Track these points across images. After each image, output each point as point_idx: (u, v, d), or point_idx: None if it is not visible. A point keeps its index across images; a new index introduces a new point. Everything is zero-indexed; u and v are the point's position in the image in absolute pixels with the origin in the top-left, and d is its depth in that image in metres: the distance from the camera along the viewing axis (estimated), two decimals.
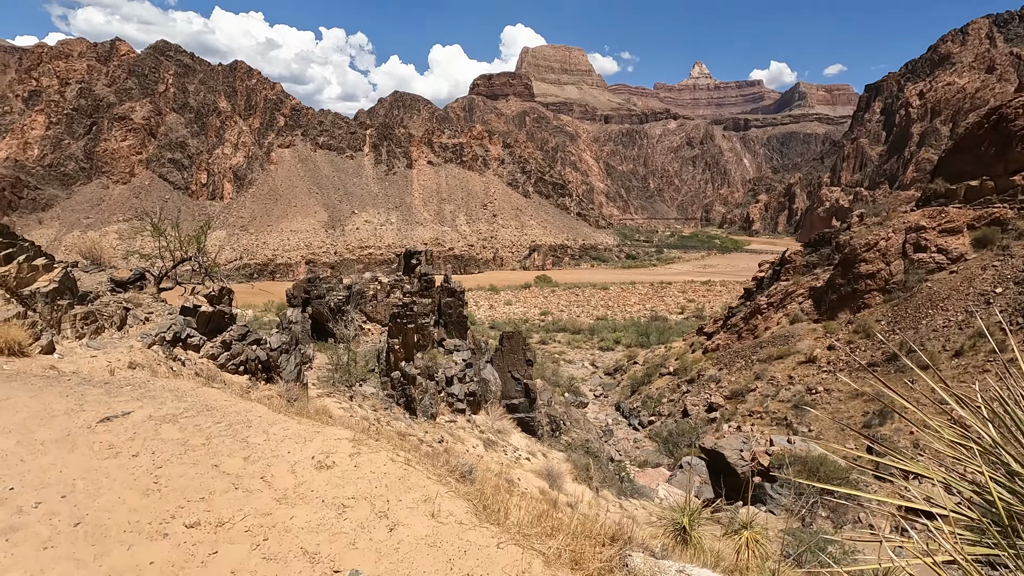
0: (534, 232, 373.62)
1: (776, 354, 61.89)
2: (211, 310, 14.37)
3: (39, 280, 11.41)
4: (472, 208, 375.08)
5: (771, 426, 51.86)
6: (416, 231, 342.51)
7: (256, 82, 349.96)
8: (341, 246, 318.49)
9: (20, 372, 8.46)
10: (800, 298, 68.88)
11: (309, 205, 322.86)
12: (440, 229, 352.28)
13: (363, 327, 26.42)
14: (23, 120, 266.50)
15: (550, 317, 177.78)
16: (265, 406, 7.98)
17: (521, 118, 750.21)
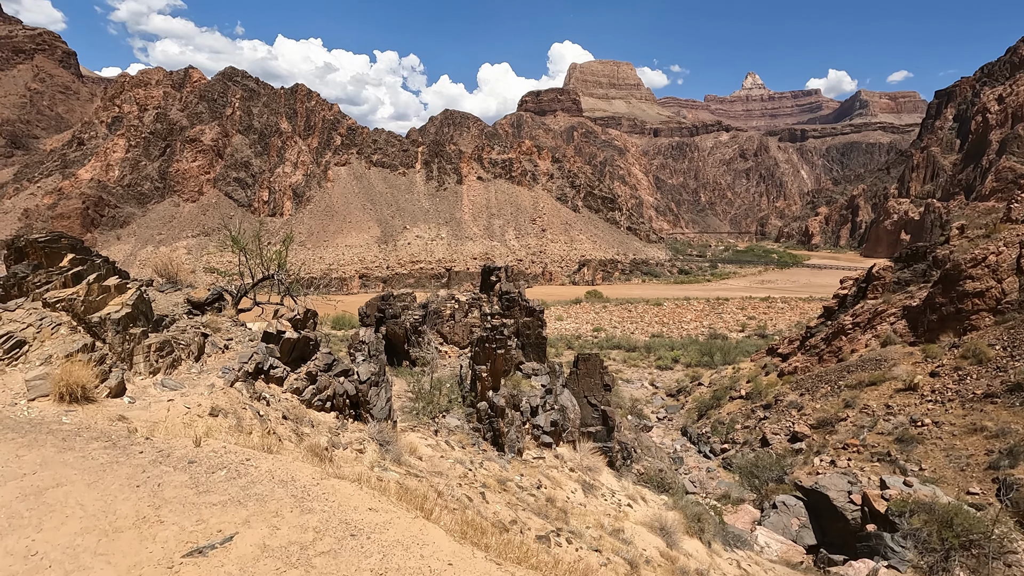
0: (583, 247, 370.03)
1: (868, 380, 56.58)
2: (295, 336, 12.68)
3: (110, 304, 9.92)
4: (521, 223, 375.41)
5: (872, 462, 46.77)
6: (466, 246, 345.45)
7: (315, 104, 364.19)
8: (393, 260, 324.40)
9: (82, 428, 6.77)
10: (892, 318, 63.11)
11: (363, 221, 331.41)
12: (489, 244, 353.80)
13: (440, 349, 24.61)
14: (106, 144, 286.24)
15: (603, 334, 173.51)
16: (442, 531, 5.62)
17: (569, 133, 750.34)
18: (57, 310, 9.48)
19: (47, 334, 8.96)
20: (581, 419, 31.99)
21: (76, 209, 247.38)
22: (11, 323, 8.89)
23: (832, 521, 34.10)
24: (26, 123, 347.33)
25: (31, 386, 7.82)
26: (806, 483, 37.36)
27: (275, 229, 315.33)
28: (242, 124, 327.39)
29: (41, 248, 11.86)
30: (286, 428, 10.13)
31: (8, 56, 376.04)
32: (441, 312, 25.74)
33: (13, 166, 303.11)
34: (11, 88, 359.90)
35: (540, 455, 20.58)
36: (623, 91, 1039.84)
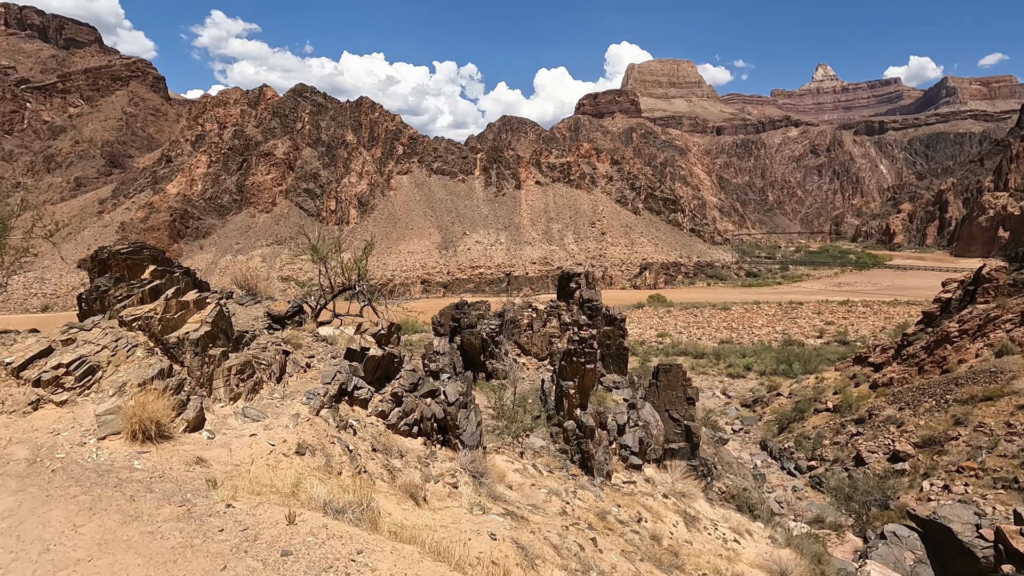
0: (645, 249, 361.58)
1: (982, 394, 50.82)
2: (380, 354, 11.65)
3: (189, 321, 9.17)
4: (580, 226, 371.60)
5: (995, 488, 41.60)
6: (525, 251, 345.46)
7: (378, 115, 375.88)
8: (453, 266, 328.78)
9: (154, 478, 5.82)
10: (1008, 324, 56.71)
11: (424, 227, 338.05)
12: (548, 248, 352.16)
13: (517, 360, 23.31)
14: (191, 160, 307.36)
15: (668, 339, 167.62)
16: None
17: (628, 134, 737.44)
18: (134, 329, 8.80)
19: (122, 357, 8.26)
20: (664, 435, 29.72)
21: (165, 222, 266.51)
22: (85, 345, 8.23)
23: (957, 558, 30.09)
24: (122, 144, 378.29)
25: (101, 422, 7.05)
26: (921, 512, 33.32)
27: (342, 237, 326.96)
28: (311, 137, 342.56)
29: (123, 260, 11.36)
30: (376, 463, 9.03)
31: (108, 84, 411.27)
32: (518, 321, 24.41)
33: (112, 183, 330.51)
34: (110, 112, 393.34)
35: (629, 478, 18.75)
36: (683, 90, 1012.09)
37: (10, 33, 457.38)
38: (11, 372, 7.52)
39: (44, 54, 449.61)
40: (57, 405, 7.37)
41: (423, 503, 8.07)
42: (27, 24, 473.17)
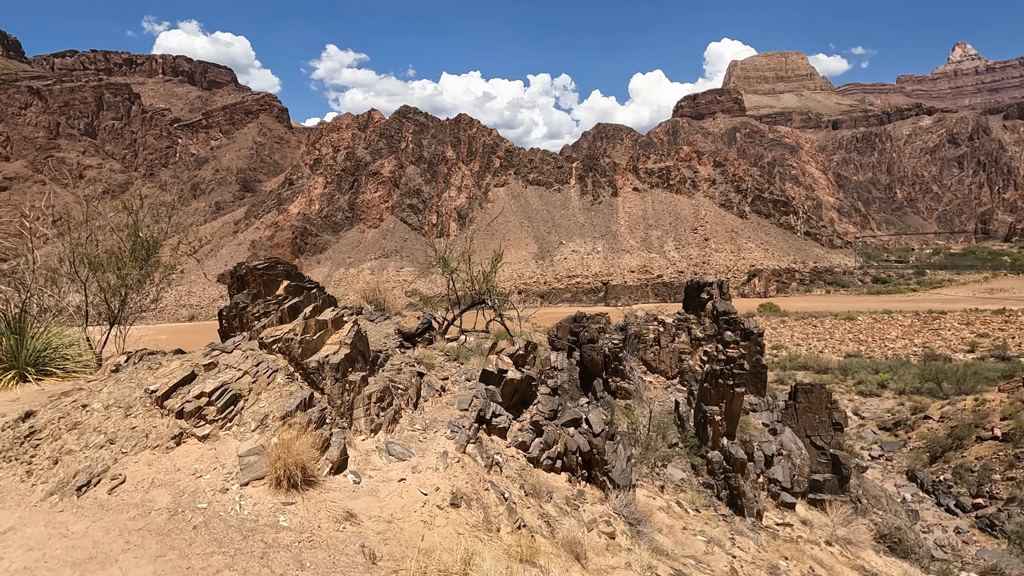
0: (753, 255, 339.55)
1: None
2: (518, 377, 10.51)
3: (328, 342, 8.55)
4: (681, 233, 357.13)
5: None
6: (622, 259, 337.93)
7: (476, 131, 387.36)
8: (550, 276, 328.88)
9: (304, 540, 5.00)
10: None
11: (521, 238, 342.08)
12: (647, 256, 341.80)
13: (643, 379, 21.41)
14: (309, 182, 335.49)
15: (784, 352, 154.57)
16: None
17: (731, 135, 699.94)
18: (273, 352, 8.32)
19: (263, 383, 7.76)
20: (808, 466, 26.12)
21: (287, 239, 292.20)
22: (227, 371, 7.82)
23: None
24: (253, 170, 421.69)
25: (244, 465, 6.46)
26: None
27: (441, 249, 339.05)
28: (414, 155, 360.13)
29: (260, 276, 11.15)
30: (532, 513, 7.85)
31: (241, 117, 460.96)
32: (643, 336, 22.48)
33: (244, 205, 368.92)
34: (243, 143, 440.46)
35: (783, 519, 16.15)
36: (793, 83, 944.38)
37: (166, 80, 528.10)
38: (156, 401, 7.23)
39: (192, 95, 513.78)
40: (199, 440, 6.94)
41: (584, 558, 6.77)
42: (179, 71, 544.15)
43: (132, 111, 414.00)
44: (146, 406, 7.20)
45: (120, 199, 11.92)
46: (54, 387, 9.03)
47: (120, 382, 7.75)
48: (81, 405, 7.20)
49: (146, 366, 8.14)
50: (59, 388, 8.63)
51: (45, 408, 7.22)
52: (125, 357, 8.71)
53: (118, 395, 7.42)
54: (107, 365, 8.53)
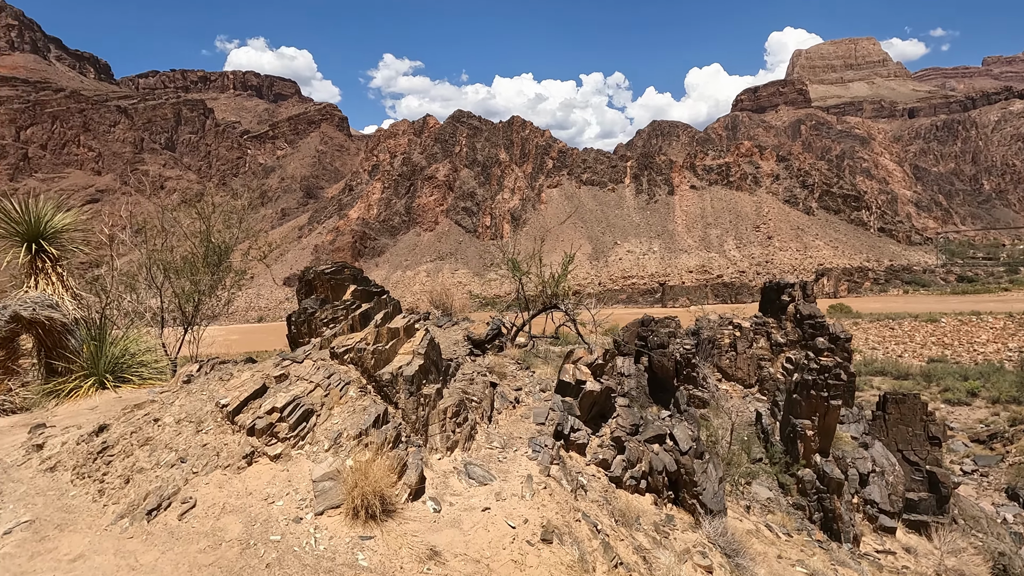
0: (821, 253, 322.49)
1: None
2: (597, 388, 9.73)
3: (400, 351, 8.08)
4: (742, 231, 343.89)
5: None
6: (680, 259, 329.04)
7: (528, 132, 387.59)
8: (604, 277, 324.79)
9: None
10: None
11: (574, 239, 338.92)
12: (706, 255, 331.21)
13: (718, 387, 20.04)
14: (367, 188, 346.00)
15: (859, 356, 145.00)
16: None
17: (795, 127, 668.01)
18: (345, 363, 7.93)
19: (335, 397, 7.36)
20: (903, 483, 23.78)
21: (348, 243, 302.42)
22: (298, 383, 7.47)
23: None
24: (315, 177, 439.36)
25: (319, 491, 6.03)
26: None
27: (496, 252, 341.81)
28: (468, 159, 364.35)
29: (327, 280, 10.89)
30: (626, 547, 7.08)
31: (304, 127, 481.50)
32: (717, 341, 21.05)
33: (308, 212, 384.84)
34: (307, 152, 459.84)
35: (883, 545, 14.50)
36: (863, 71, 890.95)
37: (237, 94, 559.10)
38: (227, 416, 6.97)
39: (259, 108, 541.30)
40: (271, 459, 6.59)
41: None
42: (248, 85, 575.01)
43: (206, 125, 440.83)
44: (217, 421, 6.95)
45: (194, 205, 12.11)
46: (130, 395, 9.05)
47: (192, 394, 7.57)
48: (153, 419, 7.04)
49: (217, 377, 7.95)
50: (134, 397, 8.64)
51: (118, 421, 7.12)
52: (197, 366, 8.60)
53: (189, 409, 7.22)
54: (179, 375, 8.43)
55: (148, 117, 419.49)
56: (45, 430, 7.31)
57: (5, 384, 9.24)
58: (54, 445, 6.83)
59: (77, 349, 9.41)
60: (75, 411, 8.33)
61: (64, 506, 5.76)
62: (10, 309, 8.85)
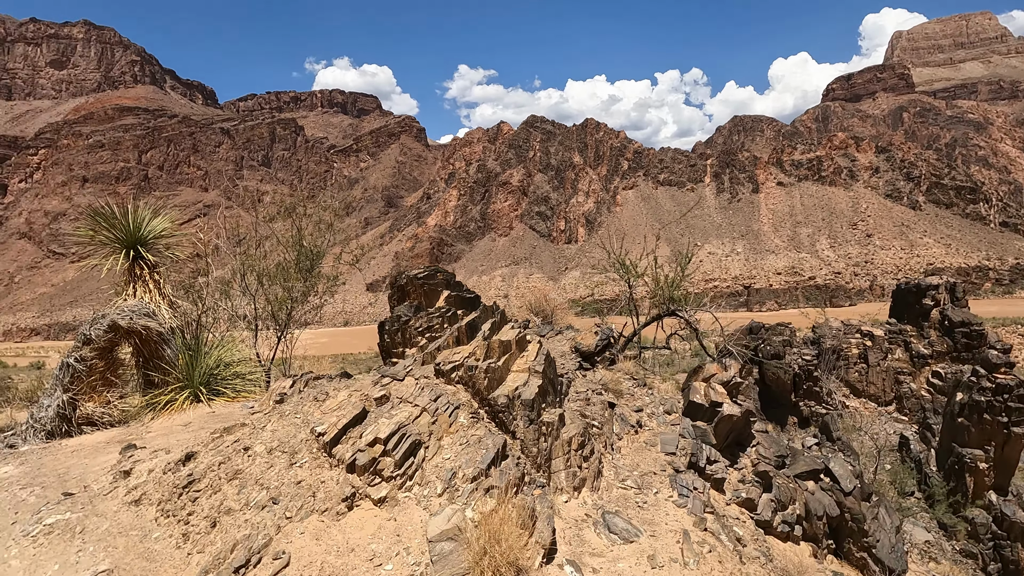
0: (931, 251, 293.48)
1: None
2: (736, 413, 8.18)
3: (512, 369, 6.94)
4: (837, 229, 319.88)
5: None
6: (766, 260, 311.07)
7: (602, 134, 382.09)
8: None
9: None
10: None
11: (651, 241, 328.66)
12: (796, 256, 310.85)
13: (845, 403, 17.44)
14: (444, 195, 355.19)
15: None
16: None
17: (896, 115, 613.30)
18: (453, 382, 6.93)
19: (444, 425, 6.36)
20: None
21: (426, 249, 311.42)
22: (401, 407, 6.52)
23: None
24: (396, 187, 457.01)
25: (437, 555, 4.93)
26: None
27: (571, 255, 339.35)
28: (541, 163, 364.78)
29: (420, 285, 10.05)
30: None
31: (385, 140, 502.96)
32: (843, 351, 18.32)
33: (388, 220, 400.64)
34: (387, 163, 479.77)
35: None
36: (977, 49, 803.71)
37: (324, 112, 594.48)
38: (323, 447, 6.15)
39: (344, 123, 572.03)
40: (375, 503, 5.67)
41: None
42: (334, 103, 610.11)
43: (297, 142, 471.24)
44: (312, 453, 6.14)
45: (289, 213, 11.88)
46: (223, 408, 8.62)
47: (285, 417, 6.85)
48: (243, 448, 6.36)
49: (312, 396, 7.21)
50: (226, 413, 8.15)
51: (206, 449, 6.50)
52: (290, 382, 7.97)
53: (282, 435, 6.48)
54: (272, 391, 7.84)
55: (247, 137, 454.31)
56: (135, 452, 6.87)
57: (104, 396, 9.18)
58: (141, 472, 6.33)
59: (173, 360, 9.17)
60: (168, 427, 7.97)
61: (145, 552, 5.15)
62: (108, 318, 8.75)
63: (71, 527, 5.30)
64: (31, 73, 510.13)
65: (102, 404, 8.96)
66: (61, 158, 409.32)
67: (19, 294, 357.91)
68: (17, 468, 6.83)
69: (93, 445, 7.54)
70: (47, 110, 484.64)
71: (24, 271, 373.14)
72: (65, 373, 8.56)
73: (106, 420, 8.80)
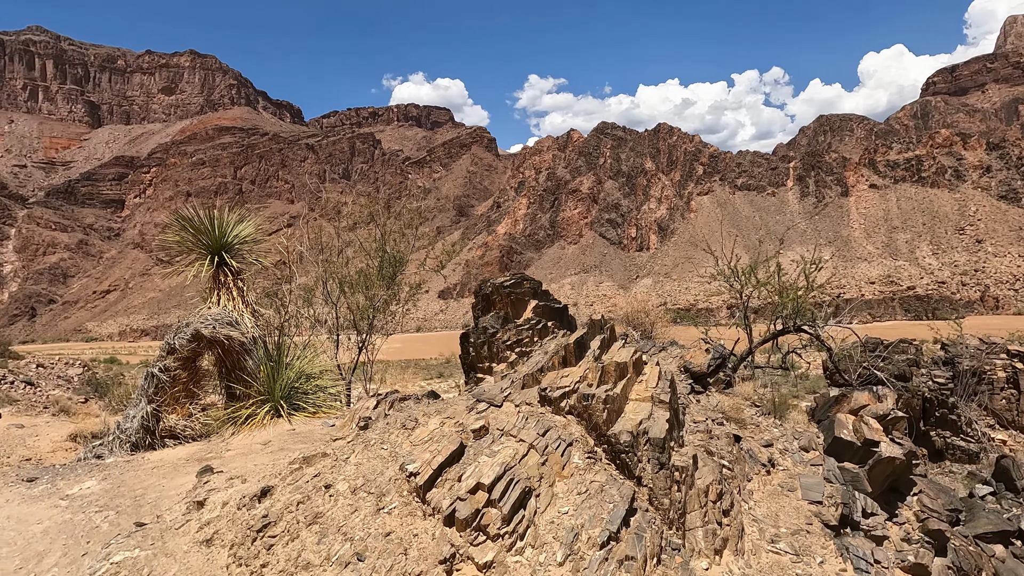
0: None
1: None
2: (897, 455, 6.66)
3: (631, 396, 5.85)
4: (940, 234, 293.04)
5: None
6: (858, 268, 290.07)
7: (676, 139, 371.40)
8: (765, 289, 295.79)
9: None
10: None
11: (729, 248, 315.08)
12: (892, 264, 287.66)
13: (990, 435, 14.85)
14: (514, 204, 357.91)
15: None
16: None
17: (1010, 109, 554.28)
18: (562, 412, 5.94)
19: (555, 466, 5.37)
20: None
21: (495, 257, 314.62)
22: (505, 442, 5.57)
23: None
24: (467, 196, 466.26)
25: None
26: None
27: (642, 263, 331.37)
28: (612, 170, 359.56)
29: (507, 295, 9.21)
30: None
31: (457, 151, 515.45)
32: (985, 374, 15.64)
33: (460, 229, 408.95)
34: (459, 173, 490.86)
35: None
36: None
37: (400, 125, 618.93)
38: (415, 490, 5.31)
39: (418, 136, 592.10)
40: (479, 569, 4.73)
41: None
42: (409, 116, 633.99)
43: (375, 155, 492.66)
44: (403, 496, 5.31)
45: (369, 214, 11.57)
46: (304, 426, 8.12)
47: (370, 447, 6.09)
48: (324, 485, 5.63)
49: (400, 423, 6.41)
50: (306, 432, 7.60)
51: (284, 484, 5.85)
52: (374, 402, 7.29)
53: (367, 470, 5.71)
54: (354, 413, 7.17)
55: (329, 151, 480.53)
56: (211, 479, 6.38)
57: (186, 408, 9.02)
58: (215, 504, 5.81)
59: (254, 371, 8.86)
60: (248, 445, 7.55)
61: None
62: (192, 327, 8.56)
63: (138, 568, 4.82)
64: (146, 100, 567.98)
65: (184, 417, 8.79)
66: (169, 175, 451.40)
67: (132, 298, 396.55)
68: (99, 484, 6.61)
69: (173, 462, 7.25)
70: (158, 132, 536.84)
71: (136, 277, 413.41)
72: (150, 384, 8.45)
73: (188, 433, 8.61)
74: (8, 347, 67.57)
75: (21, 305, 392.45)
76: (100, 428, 9.75)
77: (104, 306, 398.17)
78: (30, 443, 9.24)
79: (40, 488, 6.57)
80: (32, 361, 69.98)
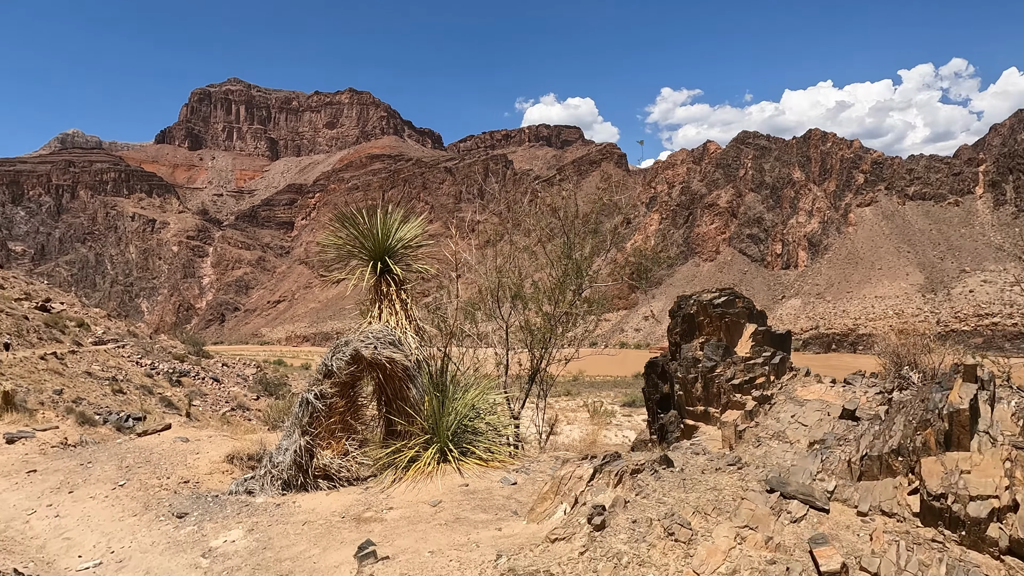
0: None
1: None
2: None
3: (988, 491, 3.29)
4: None
5: None
6: None
7: (830, 145, 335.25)
8: (946, 313, 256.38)
9: None
10: None
11: (897, 266, 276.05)
12: None
13: None
14: (645, 219, 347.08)
15: None
16: None
17: None
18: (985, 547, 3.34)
19: None
20: None
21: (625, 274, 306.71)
22: None
23: None
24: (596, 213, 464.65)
25: None
26: None
27: (789, 282, 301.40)
28: (754, 182, 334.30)
29: (719, 316, 6.85)
30: None
31: (587, 167, 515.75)
32: None
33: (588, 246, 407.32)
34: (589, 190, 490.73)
35: None
36: None
37: (531, 146, 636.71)
38: None
39: (548, 155, 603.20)
40: None
41: None
42: (539, 136, 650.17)
43: (507, 175, 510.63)
44: None
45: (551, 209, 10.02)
46: (478, 481, 6.48)
47: (623, 569, 3.92)
48: None
49: (661, 527, 4.05)
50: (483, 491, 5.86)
51: None
52: (589, 471, 5.23)
53: None
54: (559, 484, 5.16)
55: (465, 173, 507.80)
56: (374, 570, 4.73)
57: (342, 444, 7.87)
58: None
59: (418, 402, 7.51)
60: (414, 504, 6.07)
61: None
62: (351, 346, 7.40)
63: None
64: (312, 134, 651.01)
65: (340, 454, 7.68)
66: (329, 199, 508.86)
67: (297, 308, 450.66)
68: (244, 539, 5.55)
69: (326, 517, 6.04)
70: (322, 162, 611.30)
71: (301, 290, 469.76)
72: (304, 412, 7.46)
73: (343, 475, 7.47)
74: (203, 347, 78.05)
75: (214, 312, 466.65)
76: (256, 449, 9.22)
77: (275, 314, 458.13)
78: (190, 461, 8.92)
79: (186, 531, 5.73)
80: (219, 360, 79.88)
